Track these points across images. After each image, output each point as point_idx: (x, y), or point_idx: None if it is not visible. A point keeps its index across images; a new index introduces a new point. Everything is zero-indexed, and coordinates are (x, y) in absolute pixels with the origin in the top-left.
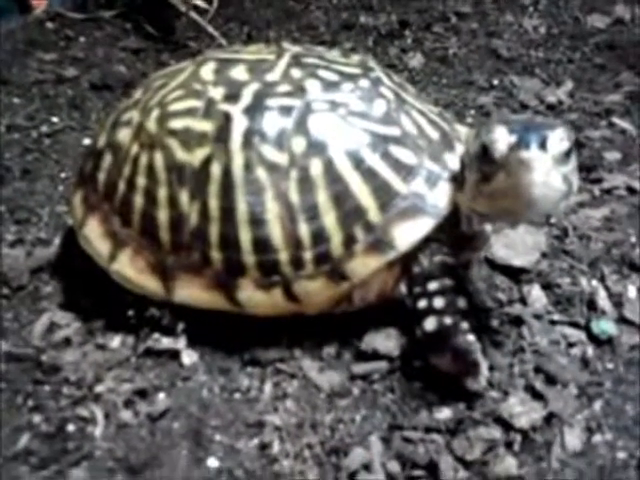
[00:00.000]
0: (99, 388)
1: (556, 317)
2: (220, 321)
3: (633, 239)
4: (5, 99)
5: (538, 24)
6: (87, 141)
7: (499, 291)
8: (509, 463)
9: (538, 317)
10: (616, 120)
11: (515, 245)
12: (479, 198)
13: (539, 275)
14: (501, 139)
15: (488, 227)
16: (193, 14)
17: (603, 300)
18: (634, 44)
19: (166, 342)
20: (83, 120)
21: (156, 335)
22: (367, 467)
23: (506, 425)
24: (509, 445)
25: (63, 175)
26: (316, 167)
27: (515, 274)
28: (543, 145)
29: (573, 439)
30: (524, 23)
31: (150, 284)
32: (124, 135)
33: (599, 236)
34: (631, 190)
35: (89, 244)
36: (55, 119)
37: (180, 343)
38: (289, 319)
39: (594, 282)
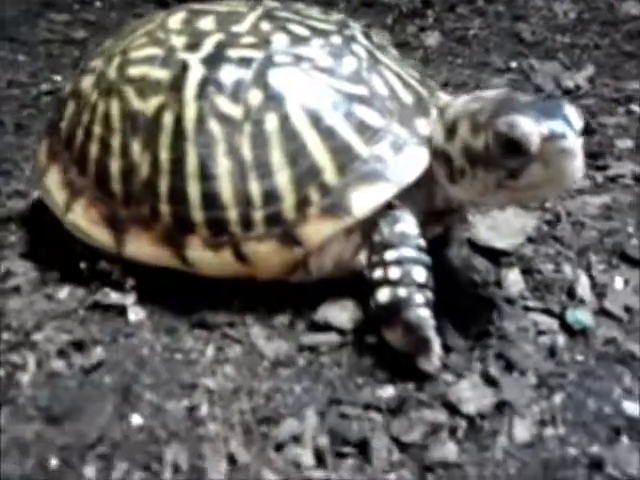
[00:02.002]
0: (36, 336)
1: (530, 303)
2: (173, 281)
3: (630, 229)
4: (10, 56)
5: (569, 9)
6: None
7: (476, 273)
8: (449, 449)
9: (511, 302)
10: (635, 107)
11: (500, 227)
12: (499, 193)
13: (521, 259)
14: (533, 132)
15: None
16: None
17: (584, 289)
18: None
19: (114, 297)
20: None
21: (106, 289)
22: (297, 439)
23: (453, 410)
24: (453, 431)
25: None
26: (271, 122)
27: (495, 257)
28: (572, 129)
29: (522, 430)
30: (554, 7)
31: (102, 236)
32: (87, 83)
33: (594, 224)
34: (638, 179)
35: (47, 194)
36: (57, 77)
37: (128, 299)
38: (245, 284)
39: (579, 270)
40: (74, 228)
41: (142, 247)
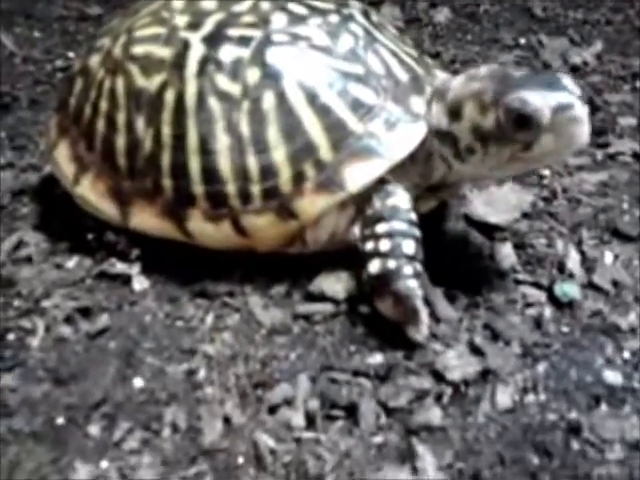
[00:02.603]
0: (46, 303)
1: (520, 277)
2: (176, 251)
3: (625, 206)
4: (26, 32)
5: None
6: None
7: (470, 246)
8: (434, 414)
9: (502, 275)
10: None
11: (496, 203)
12: (511, 165)
13: (515, 234)
14: (543, 105)
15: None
16: None
17: (574, 264)
18: None
19: (120, 267)
20: None
21: (112, 260)
22: (289, 403)
23: (439, 377)
24: (439, 397)
25: None
26: (268, 99)
27: (490, 231)
28: (576, 97)
29: (504, 396)
30: None
31: (108, 209)
32: (94, 60)
33: (590, 200)
34: (637, 157)
35: (57, 167)
36: (71, 54)
37: (134, 269)
38: (245, 255)
39: (570, 245)
40: (82, 201)
41: (146, 219)
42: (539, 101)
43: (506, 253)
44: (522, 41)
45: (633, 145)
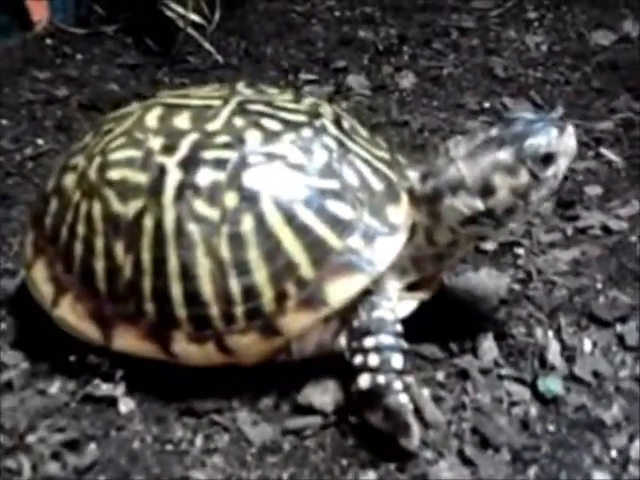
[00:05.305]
0: (31, 438)
1: (504, 372)
2: (161, 368)
3: (599, 285)
4: None
5: (541, 41)
6: None
7: (451, 340)
8: None
9: (485, 371)
10: (604, 150)
11: (474, 290)
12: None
13: (495, 324)
14: (552, 137)
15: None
16: (190, 30)
17: (554, 355)
18: (638, 64)
19: (105, 389)
20: (68, 142)
21: (96, 381)
22: None
23: None
24: None
25: None
26: (247, 223)
27: (470, 322)
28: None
29: None
30: (526, 40)
31: (90, 331)
32: (69, 181)
33: (564, 281)
34: (606, 230)
35: (35, 287)
36: (40, 141)
37: (118, 390)
38: (230, 368)
39: (550, 334)
40: (62, 322)
41: (129, 342)
42: (547, 136)
43: (488, 346)
44: (486, 105)
45: (601, 217)
